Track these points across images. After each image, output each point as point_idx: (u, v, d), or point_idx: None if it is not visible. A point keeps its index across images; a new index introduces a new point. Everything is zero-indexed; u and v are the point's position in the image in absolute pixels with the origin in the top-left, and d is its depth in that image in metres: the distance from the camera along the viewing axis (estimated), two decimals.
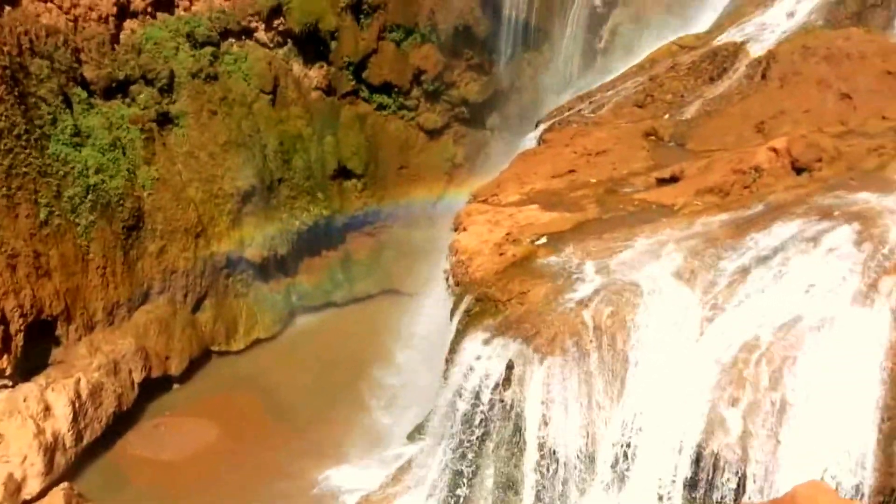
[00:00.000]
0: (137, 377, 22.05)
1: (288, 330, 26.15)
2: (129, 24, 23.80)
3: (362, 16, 26.65)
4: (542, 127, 21.08)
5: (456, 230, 15.52)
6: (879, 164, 14.37)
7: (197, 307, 24.32)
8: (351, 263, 27.75)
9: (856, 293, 11.67)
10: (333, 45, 26.50)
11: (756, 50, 18.81)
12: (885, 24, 19.09)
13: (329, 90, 27.06)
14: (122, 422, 21.45)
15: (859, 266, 11.85)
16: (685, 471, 11.55)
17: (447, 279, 14.95)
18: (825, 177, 14.38)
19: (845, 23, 18.64)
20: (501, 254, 14.09)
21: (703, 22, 21.74)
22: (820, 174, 14.48)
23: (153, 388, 22.66)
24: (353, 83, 27.20)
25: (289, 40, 26.20)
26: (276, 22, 25.88)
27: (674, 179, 16.20)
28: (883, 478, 10.98)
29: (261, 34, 25.92)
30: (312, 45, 26.38)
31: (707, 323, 11.98)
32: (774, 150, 15.04)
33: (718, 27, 20.60)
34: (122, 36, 23.69)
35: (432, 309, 16.46)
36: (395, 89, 27.61)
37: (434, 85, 27.70)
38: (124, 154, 22.56)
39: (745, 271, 12.53)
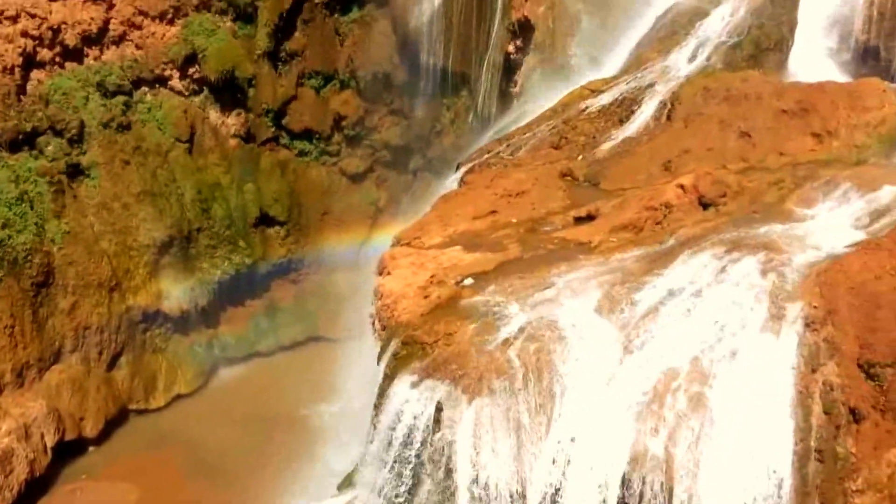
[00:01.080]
0: (50, 441, 20.94)
1: (211, 383, 25.38)
2: (35, 74, 23.16)
3: (280, 63, 26.71)
4: (463, 169, 21.45)
5: (380, 274, 15.55)
6: (779, 197, 15.22)
7: (113, 364, 23.39)
8: (276, 311, 27.29)
9: (764, 321, 12.24)
10: (251, 92, 26.41)
11: (661, 93, 19.72)
12: (779, 66, 20.37)
13: (248, 137, 26.86)
14: (36, 489, 20.28)
15: (765, 295, 12.46)
16: (613, 503, 11.73)
17: (373, 323, 14.91)
18: (730, 211, 15.12)
19: (742, 65, 19.79)
20: (426, 296, 14.17)
21: (610, 67, 22.68)
22: (725, 208, 15.23)
23: (68, 451, 21.55)
24: (273, 130, 27.12)
25: (205, 88, 25.97)
26: (191, 70, 25.64)
27: (590, 217, 16.71)
28: (800, 498, 11.42)
29: (175, 82, 25.61)
30: (229, 92, 26.22)
31: (627, 355, 12.32)
32: (682, 186, 15.74)
33: (625, 72, 21.53)
34: (28, 86, 23.02)
35: (360, 354, 16.35)
36: (316, 135, 27.67)
37: (355, 130, 27.90)
38: (32, 208, 21.75)
39: (660, 304, 12.99)
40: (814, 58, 20.64)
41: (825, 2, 20.62)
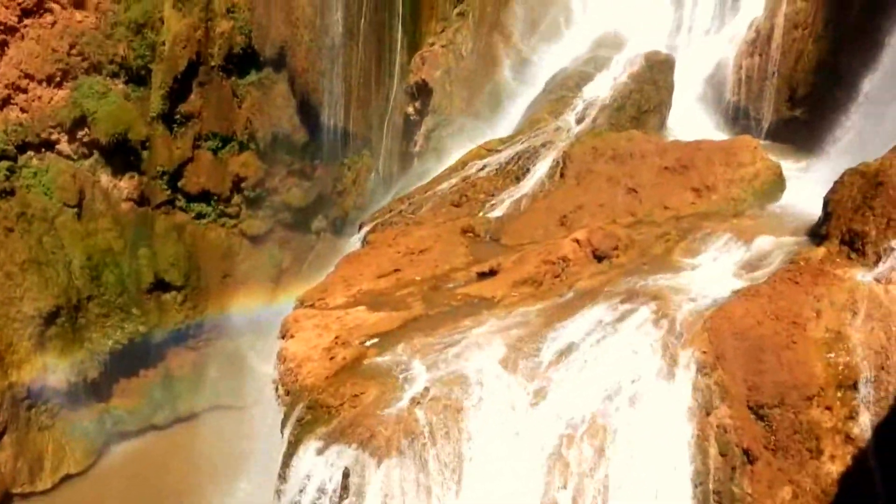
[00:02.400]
0: None
1: (103, 461, 23.94)
2: None
3: (175, 125, 26.27)
4: (366, 229, 21.52)
5: (283, 337, 15.25)
6: (666, 249, 16.04)
7: None
8: (172, 381, 26.19)
9: (659, 369, 12.74)
10: (145, 154, 25.80)
11: (553, 152, 20.59)
12: (659, 126, 21.71)
13: (142, 200, 26.11)
14: None
15: (659, 343, 13.00)
16: None
17: (276, 389, 14.54)
18: (623, 263, 15.79)
19: (626, 126, 20.95)
20: (331, 358, 13.98)
21: (506, 127, 23.53)
22: (618, 261, 15.89)
23: None
24: (169, 193, 26.47)
25: (95, 151, 25.18)
26: (80, 133, 24.84)
27: (492, 273, 17.04)
28: None
29: (64, 146, 24.73)
30: (122, 155, 25.52)
31: (532, 408, 12.51)
32: (577, 241, 16.35)
33: (520, 132, 22.37)
34: None
35: (263, 422, 15.86)
36: (215, 197, 27.19)
37: (255, 191, 27.61)
38: None
39: (562, 356, 13.32)
40: (691, 117, 22.11)
41: (699, 67, 22.23)
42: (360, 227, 21.94)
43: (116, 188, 25.71)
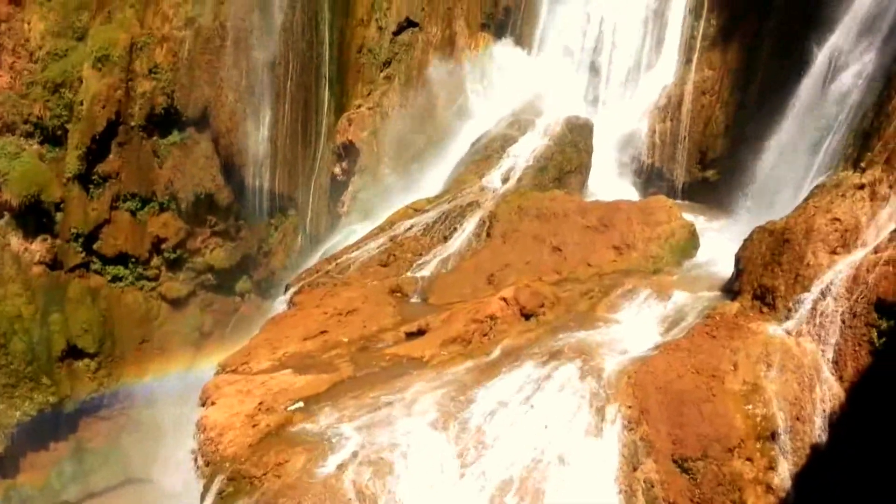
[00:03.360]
0: None
1: None
2: None
3: (92, 186, 25.55)
4: (292, 290, 21.21)
5: (203, 405, 14.70)
6: (590, 306, 16.39)
7: None
8: (84, 453, 24.80)
9: (587, 425, 12.86)
10: (59, 216, 24.93)
11: (480, 211, 20.93)
12: (580, 186, 22.41)
13: (55, 264, 25.08)
14: None
15: (586, 399, 13.15)
16: None
17: (195, 460, 13.93)
18: (549, 320, 16.02)
19: (550, 186, 21.56)
20: (255, 425, 13.54)
21: (433, 187, 23.84)
22: (545, 318, 16.12)
23: None
24: (84, 255, 25.55)
25: (6, 213, 24.17)
26: None
27: (421, 332, 17.00)
28: None
29: None
30: (34, 217, 24.58)
31: (463, 469, 12.38)
32: (504, 299, 16.53)
33: (447, 192, 22.70)
34: None
35: (181, 497, 15.13)
36: (133, 259, 26.39)
37: (176, 253, 26.93)
38: None
39: (491, 414, 13.29)
40: (610, 178, 22.94)
41: (616, 131, 23.20)
42: (287, 289, 21.62)
43: (28, 251, 24.66)
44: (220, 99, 26.51)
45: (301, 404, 14.18)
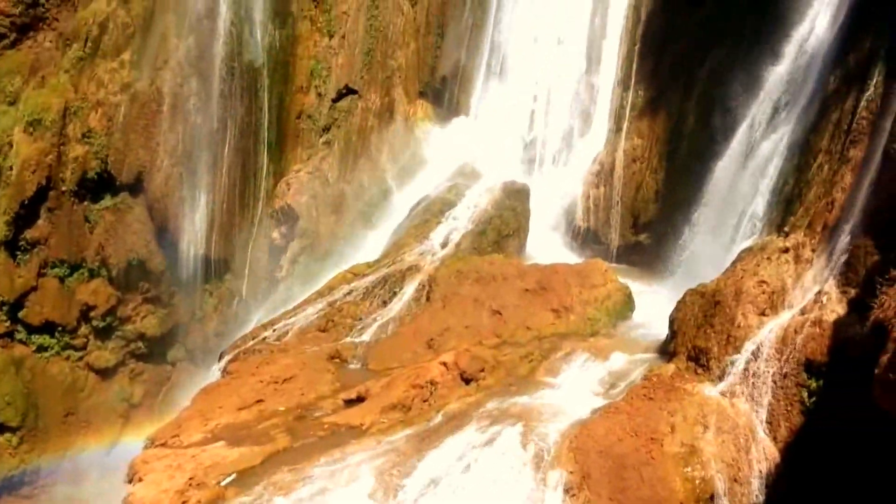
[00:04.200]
0: None
1: None
2: None
3: (19, 252, 24.62)
4: (227, 358, 20.68)
5: (131, 481, 14.03)
6: (530, 369, 16.44)
7: None
8: None
9: (530, 491, 12.72)
10: None
11: (419, 275, 20.97)
12: (519, 249, 22.73)
13: None
14: None
15: (527, 465, 13.04)
16: None
17: None
18: (489, 385, 15.98)
19: (488, 250, 21.79)
20: (185, 501, 12.96)
21: (372, 251, 23.83)
22: (485, 382, 16.07)
23: None
24: (8, 324, 24.39)
25: None
26: None
27: (360, 399, 16.72)
28: None
29: None
30: None
31: None
32: (445, 364, 16.46)
33: (386, 256, 22.72)
34: None
35: None
36: (59, 328, 25.33)
37: (105, 321, 25.98)
38: None
39: (432, 483, 13.04)
40: (547, 241, 23.35)
41: (552, 195, 23.74)
42: (221, 357, 21.07)
43: None
44: (156, 163, 26.15)
45: (234, 477, 13.67)
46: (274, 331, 21.47)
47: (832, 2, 16.87)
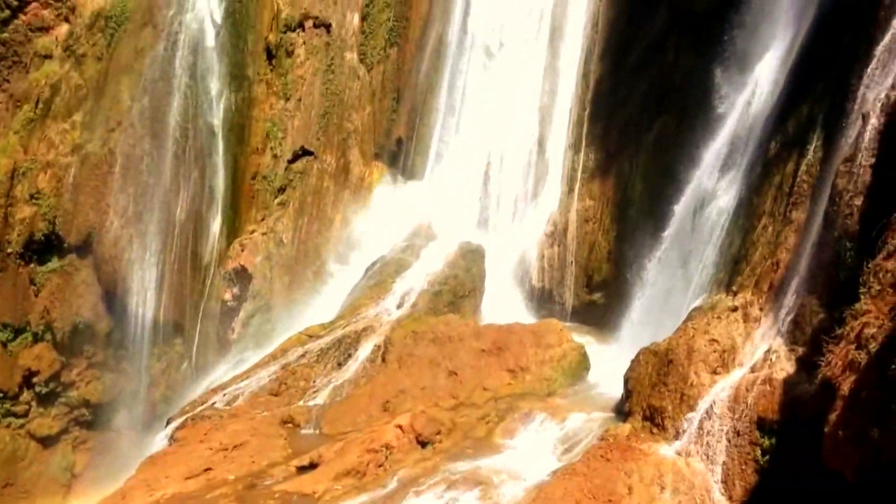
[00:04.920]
0: None
1: None
2: None
3: None
4: (174, 424, 20.05)
5: None
6: (487, 431, 16.28)
7: None
8: None
9: None
10: None
11: (375, 336, 20.79)
12: (474, 310, 22.73)
13: None
14: None
15: None
16: None
17: None
18: (446, 447, 15.76)
19: (444, 310, 21.75)
20: None
21: (327, 313, 23.58)
22: (441, 445, 15.84)
23: None
24: None
25: None
26: None
27: (313, 466, 16.29)
28: None
29: None
30: None
31: None
32: (400, 427, 16.20)
33: (341, 317, 22.48)
34: None
35: None
36: (1, 394, 24.34)
37: (49, 387, 25.06)
38: None
39: None
40: (503, 301, 23.42)
41: (507, 255, 23.95)
42: (168, 423, 20.43)
43: None
44: (106, 225, 25.79)
45: None
46: (224, 395, 20.95)
47: (771, 70, 17.71)
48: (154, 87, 25.66)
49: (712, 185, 18.43)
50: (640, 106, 21.45)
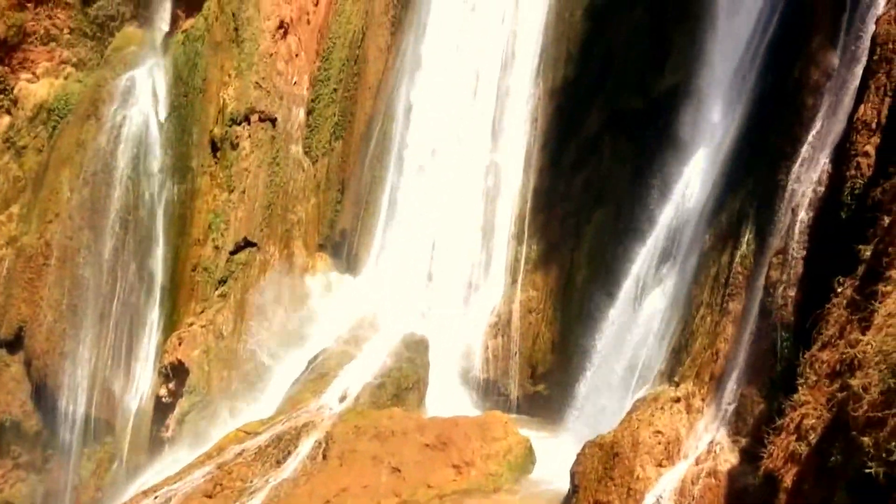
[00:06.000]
0: None
1: None
2: None
3: None
4: None
5: None
6: None
7: None
8: None
9: None
10: None
11: (316, 432, 20.11)
12: (419, 403, 22.29)
13: None
14: None
15: None
16: None
17: None
18: None
19: (387, 404, 21.25)
20: None
21: (267, 408, 22.83)
22: None
23: None
24: None
25: None
26: None
27: None
28: None
29: None
30: None
31: None
32: None
33: (281, 412, 21.76)
34: None
35: None
36: None
37: None
38: None
39: None
40: (448, 393, 23.06)
41: (452, 346, 23.74)
42: None
43: None
44: (38, 319, 24.99)
45: None
46: (155, 498, 19.88)
47: (704, 164, 18.44)
48: (95, 179, 25.45)
49: (651, 276, 18.78)
50: (579, 199, 22.00)
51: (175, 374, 24.76)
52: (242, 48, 25.99)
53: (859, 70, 12.86)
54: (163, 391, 24.87)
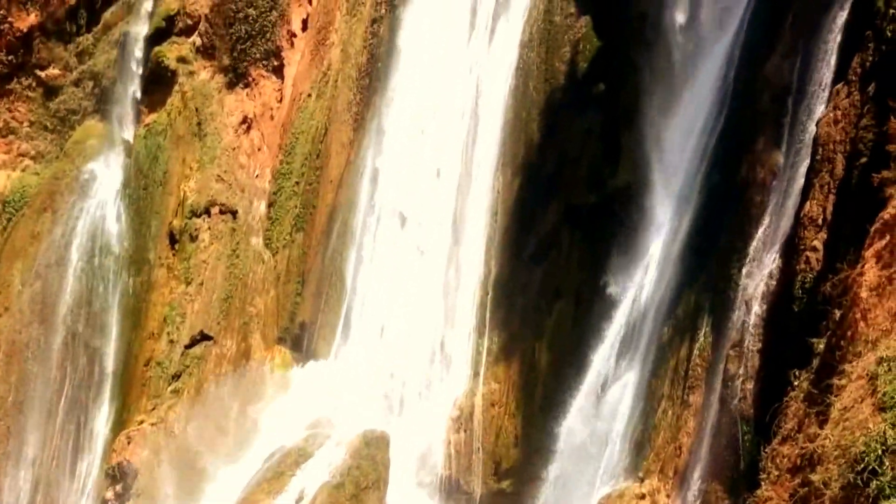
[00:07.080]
0: None
1: None
2: None
3: None
4: None
5: None
6: None
7: None
8: None
9: None
10: None
11: None
12: (379, 502, 21.46)
13: None
14: None
15: None
16: None
17: None
18: None
19: (346, 503, 20.42)
20: None
21: None
22: None
23: None
24: None
25: None
26: None
27: None
28: None
29: None
30: None
31: None
32: None
33: None
34: None
35: None
36: None
37: None
38: None
39: None
40: (408, 492, 22.32)
41: (413, 442, 23.13)
42: None
43: None
44: None
45: None
46: None
47: (660, 257, 18.77)
48: (47, 272, 24.92)
49: (612, 368, 18.76)
50: (539, 291, 22.11)
51: (122, 475, 23.60)
52: (205, 142, 26.20)
53: (804, 169, 13.39)
54: (109, 494, 23.64)
